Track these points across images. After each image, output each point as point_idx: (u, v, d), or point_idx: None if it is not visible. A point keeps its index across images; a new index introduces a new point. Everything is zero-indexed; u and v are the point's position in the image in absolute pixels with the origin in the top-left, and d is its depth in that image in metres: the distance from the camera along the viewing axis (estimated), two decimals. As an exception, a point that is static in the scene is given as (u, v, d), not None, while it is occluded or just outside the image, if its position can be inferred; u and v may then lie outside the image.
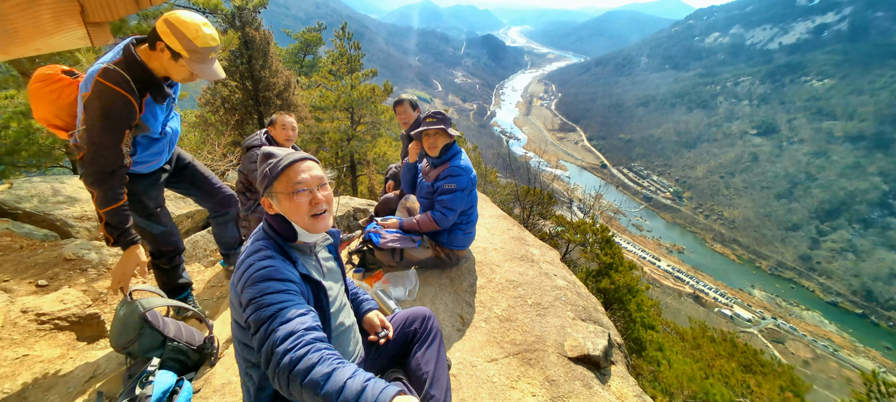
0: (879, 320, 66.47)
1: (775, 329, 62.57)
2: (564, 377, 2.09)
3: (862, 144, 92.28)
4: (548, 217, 11.40)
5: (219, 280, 3.13)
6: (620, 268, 9.17)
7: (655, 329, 9.23)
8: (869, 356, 59.12)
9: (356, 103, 11.18)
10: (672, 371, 6.80)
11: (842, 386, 45.65)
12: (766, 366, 8.66)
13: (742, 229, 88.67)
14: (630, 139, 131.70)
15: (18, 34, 0.90)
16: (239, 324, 1.37)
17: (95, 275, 3.28)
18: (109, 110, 1.75)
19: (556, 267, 3.41)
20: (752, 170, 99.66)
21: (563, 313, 2.61)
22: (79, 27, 1.04)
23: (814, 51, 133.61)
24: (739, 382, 7.39)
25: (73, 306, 2.28)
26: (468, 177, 2.85)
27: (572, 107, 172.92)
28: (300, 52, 16.62)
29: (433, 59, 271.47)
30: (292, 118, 3.32)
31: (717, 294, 70.47)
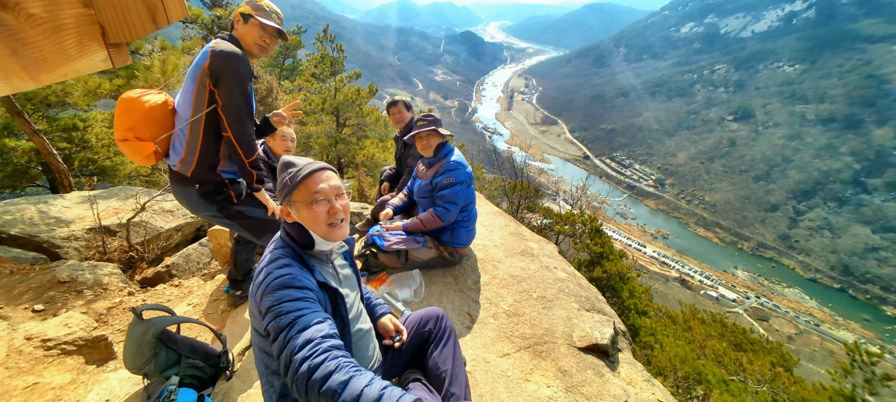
0: (857, 293, 68.92)
1: (759, 308, 64.36)
2: (576, 367, 2.14)
3: (833, 125, 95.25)
4: (535, 210, 11.53)
5: (220, 294, 3.09)
6: (611, 257, 9.31)
7: (648, 315, 9.41)
8: (849, 328, 61.27)
9: (341, 106, 11.10)
10: (665, 354, 6.93)
11: (825, 358, 47.24)
12: (755, 344, 8.89)
13: (723, 213, 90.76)
14: (612, 130, 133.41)
15: (47, 61, 0.89)
16: (258, 332, 1.38)
17: (92, 296, 3.21)
18: (241, 67, 2.01)
19: (556, 260, 3.46)
20: (730, 155, 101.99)
21: (568, 305, 2.66)
22: (101, 49, 1.04)
23: (785, 37, 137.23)
24: (732, 360, 7.58)
25: (78, 330, 2.23)
26: (465, 171, 2.93)
27: (554, 100, 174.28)
28: (279, 56, 16.43)
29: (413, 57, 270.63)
30: (291, 130, 3.30)
31: (702, 277, 72.11)
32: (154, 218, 5.61)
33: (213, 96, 2.03)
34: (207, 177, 2.16)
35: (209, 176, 2.16)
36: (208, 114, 2.06)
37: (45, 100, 7.45)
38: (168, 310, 1.98)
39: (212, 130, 2.10)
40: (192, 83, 2.03)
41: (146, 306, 1.95)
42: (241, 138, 2.06)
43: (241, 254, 2.79)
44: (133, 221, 5.04)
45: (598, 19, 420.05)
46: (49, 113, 8.12)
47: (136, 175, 9.56)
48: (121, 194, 6.22)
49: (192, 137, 2.09)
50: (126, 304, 3.08)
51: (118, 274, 3.76)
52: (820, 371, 32.99)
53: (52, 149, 6.45)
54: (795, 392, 6.99)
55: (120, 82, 6.62)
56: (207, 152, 2.12)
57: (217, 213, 2.24)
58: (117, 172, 9.32)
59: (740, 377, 7.42)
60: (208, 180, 2.17)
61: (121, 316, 2.92)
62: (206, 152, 2.11)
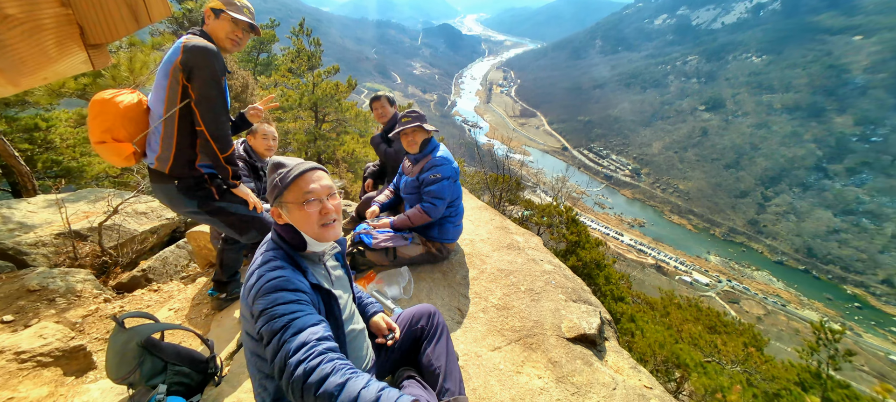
0: (820, 273, 72.42)
1: (731, 291, 66.93)
2: (566, 357, 2.19)
3: (798, 114, 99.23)
4: (517, 203, 11.66)
5: (202, 297, 3.02)
6: (586, 245, 9.51)
7: (625, 301, 9.65)
8: (813, 307, 64.40)
9: (320, 101, 10.90)
10: (645, 340, 7.14)
11: (791, 337, 49.55)
12: (729, 326, 9.23)
13: (696, 200, 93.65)
14: (589, 121, 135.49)
15: (26, 64, 0.85)
16: (251, 336, 1.36)
17: (65, 304, 3.09)
18: (214, 62, 1.96)
19: (541, 252, 3.51)
20: (702, 144, 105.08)
21: (556, 297, 2.71)
22: (80, 51, 1.00)
23: (753, 29, 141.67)
24: (708, 343, 7.85)
25: (54, 341, 2.14)
26: (451, 166, 2.93)
27: (532, 92, 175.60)
28: (253, 51, 16.00)
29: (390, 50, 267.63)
30: (273, 127, 3.23)
31: (677, 263, 74.41)
32: (127, 221, 5.41)
33: (187, 91, 1.98)
34: (186, 172, 2.12)
35: (187, 171, 2.12)
36: (182, 109, 2.01)
37: (3, 99, 7.07)
38: (151, 317, 1.93)
39: (186, 126, 2.05)
40: (164, 79, 1.98)
41: (128, 313, 1.88)
42: (216, 133, 2.03)
43: (228, 254, 2.72)
44: (105, 224, 4.85)
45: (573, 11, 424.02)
46: (8, 113, 7.70)
47: (104, 176, 9.19)
48: (90, 197, 5.98)
49: (166, 134, 2.04)
50: (102, 311, 2.97)
51: (92, 281, 3.62)
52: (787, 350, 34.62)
53: (14, 150, 6.13)
54: (766, 371, 7.31)
55: (86, 81, 6.33)
56: (183, 148, 2.08)
57: (198, 209, 2.20)
58: (84, 173, 8.94)
59: (716, 359, 7.71)
60: (187, 176, 2.12)
61: (98, 324, 2.81)
62: (182, 148, 2.07)
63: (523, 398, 1.91)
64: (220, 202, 2.22)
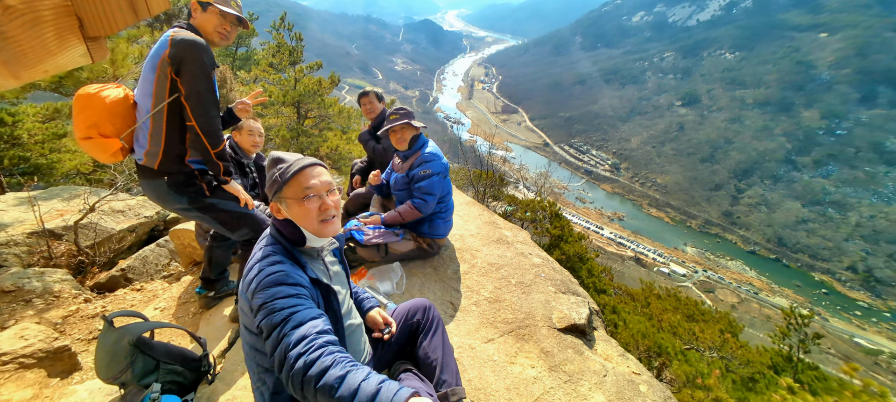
0: (790, 262, 75.36)
1: (706, 280, 69.05)
2: (557, 347, 2.25)
3: (769, 108, 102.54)
4: (500, 198, 11.77)
5: (189, 296, 2.97)
6: (570, 239, 9.69)
7: (607, 293, 9.87)
8: (783, 294, 67.03)
9: (302, 97, 10.75)
10: (628, 330, 7.33)
11: (763, 323, 51.40)
12: (706, 314, 9.55)
13: (674, 193, 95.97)
14: (570, 117, 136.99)
15: (27, 57, 0.84)
16: (249, 330, 1.37)
17: (44, 305, 3.00)
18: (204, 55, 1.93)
19: (530, 246, 3.57)
20: (679, 138, 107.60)
21: (546, 289, 2.77)
22: (80, 43, 0.98)
23: (726, 26, 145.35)
24: (686, 331, 8.10)
25: (37, 342, 2.08)
26: (440, 161, 2.96)
27: (513, 89, 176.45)
28: (232, 45, 15.65)
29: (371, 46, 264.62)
30: (259, 123, 3.19)
31: (655, 255, 76.30)
32: (104, 219, 5.26)
33: (176, 85, 1.94)
34: (176, 168, 2.08)
35: (177, 167, 2.08)
36: (171, 104, 1.97)
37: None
38: (140, 315, 1.89)
39: (176, 120, 2.01)
40: (151, 73, 1.94)
41: (117, 312, 1.85)
42: (207, 128, 1.99)
43: (217, 251, 2.68)
44: (81, 223, 4.71)
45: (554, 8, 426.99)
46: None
47: (75, 173, 8.87)
48: (64, 195, 5.79)
49: (155, 129, 2.00)
50: (84, 312, 2.90)
51: (70, 281, 3.51)
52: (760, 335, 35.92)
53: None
54: (742, 356, 7.60)
55: (60, 74, 6.10)
56: (173, 143, 2.04)
57: (188, 206, 2.16)
58: (54, 170, 8.61)
59: (694, 346, 7.97)
60: (177, 171, 2.09)
61: (80, 325, 2.74)
62: (171, 143, 2.03)
63: (518, 387, 1.96)
64: (211, 199, 2.19)
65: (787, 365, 7.97)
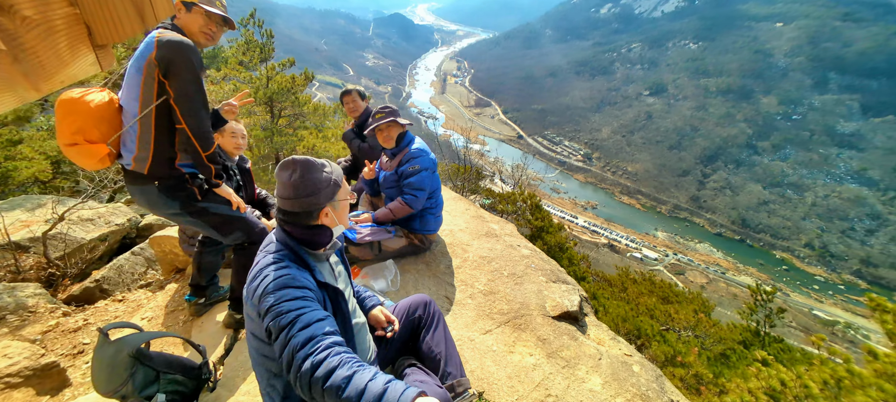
0: (753, 242, 79.24)
1: (677, 263, 71.78)
2: (553, 334, 2.32)
3: (731, 96, 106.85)
4: (479, 192, 11.90)
5: (177, 304, 2.89)
6: (551, 229, 9.91)
7: (587, 281, 10.15)
8: (748, 273, 70.46)
9: (275, 95, 10.50)
10: (608, 316, 7.59)
11: (731, 301, 53.83)
12: (679, 295, 9.96)
13: (644, 180, 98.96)
14: (542, 109, 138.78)
15: (45, 68, 0.82)
16: (256, 335, 1.38)
17: (19, 322, 2.86)
18: (192, 56, 1.88)
19: (517, 238, 3.65)
20: (647, 127, 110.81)
21: (537, 279, 2.85)
22: (90, 52, 0.97)
23: (689, 17, 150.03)
24: (662, 312, 8.44)
25: (22, 359, 2.00)
26: (428, 157, 2.99)
27: (486, 82, 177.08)
28: (198, 44, 15.10)
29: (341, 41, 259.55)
30: (241, 125, 3.12)
31: (628, 241, 78.64)
32: (73, 229, 5.04)
33: (164, 87, 1.89)
34: (166, 172, 2.03)
35: (168, 171, 2.03)
36: (159, 106, 1.92)
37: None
38: (136, 327, 1.85)
39: (164, 123, 1.96)
40: (137, 75, 1.88)
41: (112, 324, 1.80)
42: (197, 130, 1.95)
43: (206, 257, 2.62)
44: (50, 234, 4.50)
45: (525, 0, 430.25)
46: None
47: (32, 182, 8.42)
48: (26, 205, 5.52)
49: (143, 132, 1.94)
50: (64, 326, 2.79)
51: (44, 294, 3.36)
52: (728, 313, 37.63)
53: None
54: (715, 333, 7.99)
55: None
56: (162, 146, 1.99)
57: (180, 210, 2.11)
58: (10, 179, 8.14)
59: (671, 327, 8.32)
60: (168, 176, 2.04)
61: (61, 340, 2.63)
62: (160, 147, 1.98)
63: (519, 375, 2.03)
64: (203, 202, 2.14)
65: (755, 340, 8.44)
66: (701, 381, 5.10)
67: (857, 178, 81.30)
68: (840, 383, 3.09)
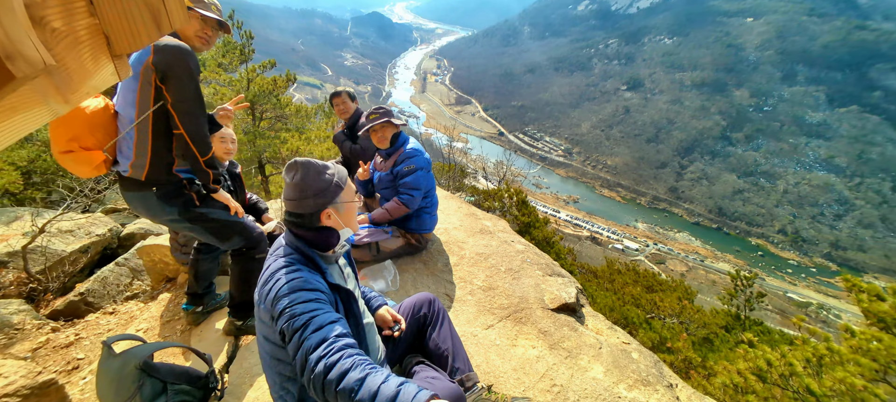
0: (730, 229, 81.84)
1: (657, 253, 73.58)
2: (553, 326, 2.38)
3: (705, 89, 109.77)
4: (463, 190, 11.96)
5: (172, 314, 2.84)
6: (537, 224, 10.05)
7: (574, 274, 10.31)
8: (725, 259, 72.75)
9: (257, 98, 10.34)
10: (596, 306, 7.76)
11: (710, 287, 55.46)
12: (663, 284, 10.23)
13: (623, 173, 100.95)
14: (522, 105, 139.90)
15: (73, 79, 0.82)
16: (269, 339, 1.39)
17: (5, 340, 2.77)
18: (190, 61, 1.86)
19: (510, 234, 3.71)
20: (625, 121, 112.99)
21: (534, 273, 2.90)
22: (109, 62, 0.97)
23: (663, 13, 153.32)
24: (648, 301, 8.65)
25: (18, 378, 1.94)
26: (423, 156, 3.01)
27: (466, 80, 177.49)
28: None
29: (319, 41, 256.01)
30: (231, 130, 3.08)
31: (609, 233, 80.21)
32: (53, 241, 4.89)
33: (161, 93, 1.86)
34: (164, 178, 2.01)
35: (166, 177, 2.01)
36: (156, 112, 1.90)
37: None
38: (139, 338, 1.82)
39: (162, 129, 1.94)
40: (133, 81, 1.86)
41: (115, 337, 1.77)
42: (196, 135, 1.93)
43: (203, 264, 2.58)
44: (29, 247, 4.35)
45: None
46: None
47: (2, 194, 8.09)
48: (2, 218, 5.32)
49: (140, 139, 1.92)
50: (55, 342, 2.71)
51: (28, 310, 3.26)
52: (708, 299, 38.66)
53: None
54: (699, 319, 8.24)
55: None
56: (160, 152, 1.96)
57: (178, 216, 2.09)
58: (-29, 191, 7.81)
59: (656, 315, 8.54)
60: (166, 181, 2.01)
61: (54, 356, 2.56)
62: (158, 152, 1.96)
63: (524, 367, 2.07)
64: (201, 208, 2.12)
65: (736, 324, 8.74)
66: (690, 365, 5.26)
67: (824, 165, 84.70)
68: (821, 360, 3.24)
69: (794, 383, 3.09)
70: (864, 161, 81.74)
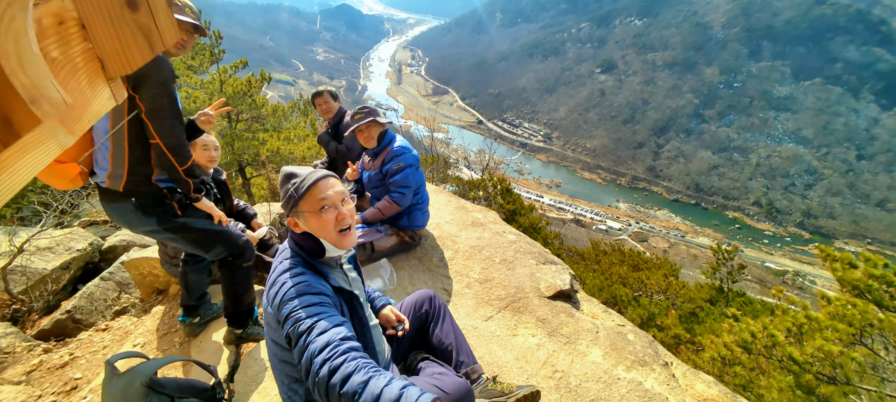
0: (707, 204, 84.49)
1: (640, 231, 75.44)
2: (551, 313, 2.44)
3: (677, 68, 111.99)
4: (447, 181, 11.99)
5: (169, 327, 2.80)
6: (523, 211, 10.18)
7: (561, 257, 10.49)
8: (705, 234, 75.09)
9: (231, 100, 10.09)
10: (586, 288, 7.94)
11: (691, 262, 57.19)
12: (648, 262, 10.51)
13: (602, 155, 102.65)
14: (499, 93, 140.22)
15: (74, 109, 0.80)
16: (276, 342, 1.40)
17: (-6, 364, 2.68)
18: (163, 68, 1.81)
19: (501, 224, 3.75)
20: (602, 104, 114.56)
21: (527, 262, 2.96)
22: (105, 86, 0.96)
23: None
24: (635, 279, 8.89)
25: (15, 405, 1.90)
26: (411, 154, 3.01)
27: (441, 70, 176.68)
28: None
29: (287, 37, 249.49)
30: (213, 136, 3.01)
31: (592, 214, 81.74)
32: (32, 260, 4.73)
33: (134, 101, 1.80)
34: (143, 189, 1.95)
35: (145, 187, 1.96)
36: (130, 122, 1.83)
37: None
38: (142, 355, 1.80)
39: (137, 139, 1.88)
40: None
41: (118, 355, 1.74)
42: (172, 144, 1.88)
43: (192, 275, 2.53)
44: (8, 267, 4.20)
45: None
46: None
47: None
48: (-28, 240, 5.10)
49: (116, 149, 1.86)
50: (49, 363, 2.64)
51: (16, 333, 3.16)
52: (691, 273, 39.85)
53: None
54: (684, 294, 8.51)
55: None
56: (137, 162, 1.91)
57: (158, 227, 2.04)
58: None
59: (643, 292, 8.79)
60: (145, 192, 1.96)
61: (50, 378, 2.49)
62: (135, 163, 1.90)
63: (526, 356, 2.13)
64: (183, 218, 2.08)
65: (719, 297, 9.06)
66: (680, 341, 5.45)
67: (793, 138, 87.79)
68: (801, 329, 3.41)
69: (777, 352, 3.25)
70: (830, 131, 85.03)
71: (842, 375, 3.21)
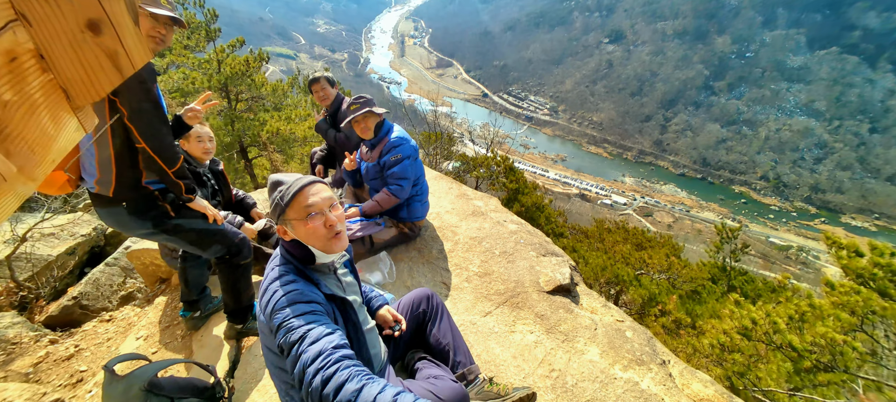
0: (714, 179, 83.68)
1: (645, 206, 75.24)
2: (549, 309, 2.43)
3: (687, 38, 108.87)
4: (451, 158, 11.89)
5: (171, 320, 2.82)
6: (526, 190, 10.11)
7: (565, 236, 10.49)
8: (710, 209, 74.72)
9: (229, 80, 9.95)
10: (588, 267, 7.94)
11: (696, 237, 57.04)
12: (652, 241, 10.48)
13: (609, 129, 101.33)
14: (504, 65, 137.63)
15: (35, 152, 0.76)
16: (270, 349, 1.40)
17: (4, 356, 2.74)
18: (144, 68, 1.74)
19: (502, 213, 3.71)
20: (609, 76, 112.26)
21: (528, 254, 2.93)
22: (71, 117, 0.91)
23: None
24: (637, 259, 8.88)
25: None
26: (409, 144, 2.95)
27: (445, 41, 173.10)
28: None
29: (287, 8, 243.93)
30: (207, 128, 2.96)
31: (598, 189, 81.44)
32: (37, 247, 4.79)
33: (115, 106, 1.74)
34: (133, 192, 1.92)
35: (136, 191, 1.93)
36: (114, 126, 1.78)
37: None
38: (143, 357, 1.81)
39: (122, 143, 1.83)
40: None
41: (116, 359, 1.76)
42: (158, 147, 1.83)
43: (191, 271, 2.54)
44: (13, 255, 4.26)
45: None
46: None
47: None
48: (-23, 229, 5.16)
49: (102, 155, 1.82)
50: (55, 355, 2.69)
51: (23, 322, 3.22)
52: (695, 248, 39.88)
53: None
54: (686, 274, 8.50)
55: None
56: (125, 167, 1.87)
57: (153, 230, 2.02)
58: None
59: (645, 271, 8.79)
60: (135, 196, 1.93)
61: (56, 370, 2.54)
62: (123, 167, 1.86)
63: (523, 354, 2.13)
64: (177, 219, 2.05)
65: (722, 275, 9.05)
66: (680, 325, 5.47)
67: (805, 110, 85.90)
68: (803, 316, 3.39)
69: (778, 339, 3.24)
70: (843, 104, 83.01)
71: (841, 363, 3.21)
